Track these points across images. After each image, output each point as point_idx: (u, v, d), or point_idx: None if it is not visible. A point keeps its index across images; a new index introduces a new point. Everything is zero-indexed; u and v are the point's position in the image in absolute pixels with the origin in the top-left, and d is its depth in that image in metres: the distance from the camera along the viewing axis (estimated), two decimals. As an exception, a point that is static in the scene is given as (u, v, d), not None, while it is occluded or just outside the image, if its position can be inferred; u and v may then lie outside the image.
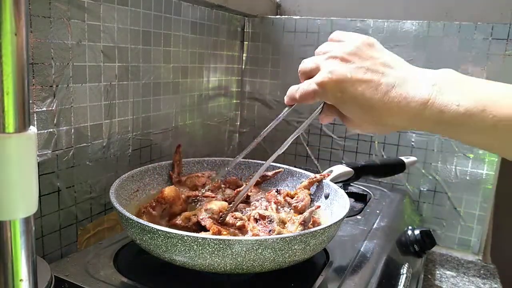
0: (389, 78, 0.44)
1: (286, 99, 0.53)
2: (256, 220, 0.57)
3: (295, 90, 0.50)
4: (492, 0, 0.91)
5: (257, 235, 0.54)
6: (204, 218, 0.57)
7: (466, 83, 0.42)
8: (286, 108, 0.56)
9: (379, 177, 0.97)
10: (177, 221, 0.58)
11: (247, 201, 0.68)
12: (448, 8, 0.95)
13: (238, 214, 0.59)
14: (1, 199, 0.30)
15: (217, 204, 0.60)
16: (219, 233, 0.53)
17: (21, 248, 0.32)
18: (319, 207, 0.64)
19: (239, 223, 0.56)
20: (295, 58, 1.05)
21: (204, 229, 0.56)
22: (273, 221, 0.56)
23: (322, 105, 0.50)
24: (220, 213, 0.58)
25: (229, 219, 0.57)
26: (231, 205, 0.59)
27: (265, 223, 0.56)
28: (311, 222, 0.57)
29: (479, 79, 0.43)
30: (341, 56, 0.46)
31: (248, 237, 0.54)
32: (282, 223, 0.58)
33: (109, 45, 0.68)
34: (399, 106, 0.42)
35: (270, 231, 0.54)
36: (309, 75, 0.49)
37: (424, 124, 0.42)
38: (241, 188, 0.66)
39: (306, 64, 0.50)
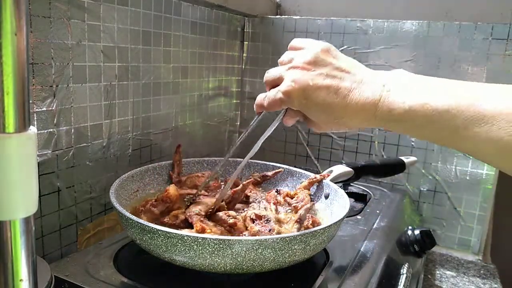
0: (347, 82, 0.47)
1: (255, 107, 0.55)
2: (252, 221, 0.57)
3: (263, 99, 0.53)
4: (492, 0, 0.91)
5: (257, 234, 0.54)
6: (191, 215, 0.57)
7: (415, 82, 0.45)
8: (256, 116, 0.59)
9: (379, 177, 0.97)
10: (165, 220, 0.58)
11: (246, 201, 0.68)
12: (448, 8, 0.95)
13: (232, 212, 0.58)
14: (1, 199, 0.30)
15: (206, 202, 0.60)
16: (203, 230, 0.53)
17: (21, 248, 0.32)
18: (314, 204, 0.64)
19: (231, 220, 0.56)
20: (295, 58, 1.04)
21: (191, 226, 0.56)
22: (270, 221, 0.56)
23: (285, 109, 0.53)
24: (209, 210, 0.58)
25: (222, 216, 0.57)
26: (216, 201, 0.60)
27: (262, 223, 0.56)
28: (310, 223, 0.57)
29: (430, 78, 0.45)
30: (302, 65, 0.49)
31: (248, 237, 0.54)
32: (279, 222, 0.58)
33: (109, 45, 0.68)
34: (356, 108, 0.46)
35: (270, 230, 0.54)
36: (274, 84, 0.53)
37: (378, 122, 0.46)
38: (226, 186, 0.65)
39: (270, 74, 0.53)
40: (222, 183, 0.74)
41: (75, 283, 0.52)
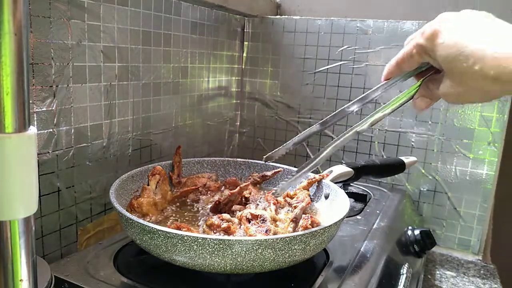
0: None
1: (384, 71, 0.48)
2: (248, 220, 0.57)
3: (395, 58, 0.45)
4: (492, 0, 0.91)
5: (253, 235, 0.54)
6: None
7: None
8: (382, 83, 0.49)
9: (379, 177, 0.97)
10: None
11: (246, 202, 0.68)
12: (448, 8, 0.95)
13: (226, 216, 0.58)
14: (1, 199, 0.30)
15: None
16: (178, 229, 0.52)
17: (21, 248, 0.32)
18: (310, 203, 0.64)
19: (224, 225, 0.55)
20: (295, 58, 1.05)
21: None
22: (266, 220, 0.56)
23: (420, 81, 0.45)
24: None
25: (215, 220, 0.56)
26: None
27: (258, 223, 0.56)
28: (310, 223, 0.57)
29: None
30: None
31: (248, 237, 0.54)
32: (275, 221, 0.58)
33: (109, 45, 0.68)
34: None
35: (266, 230, 0.54)
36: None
37: None
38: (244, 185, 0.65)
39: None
40: (222, 184, 0.74)
41: (75, 283, 0.52)
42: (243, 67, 1.12)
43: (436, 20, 0.42)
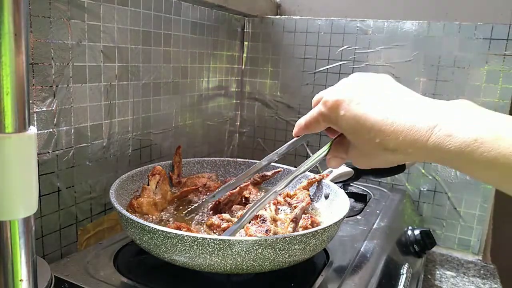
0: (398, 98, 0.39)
1: (294, 129, 0.49)
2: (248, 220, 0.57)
3: (303, 118, 0.47)
4: (492, 0, 0.91)
5: (253, 235, 0.54)
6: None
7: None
8: (292, 139, 0.52)
9: (379, 177, 0.97)
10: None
11: (246, 202, 0.68)
12: (448, 8, 0.95)
13: (226, 216, 0.58)
14: (1, 199, 0.30)
15: None
16: (178, 229, 0.53)
17: (21, 248, 0.32)
18: (310, 203, 0.64)
19: (224, 224, 0.55)
20: (295, 58, 1.05)
21: None
22: (266, 220, 0.56)
23: (330, 142, 0.46)
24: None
25: (215, 220, 0.56)
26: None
27: (258, 223, 0.56)
28: (310, 223, 0.57)
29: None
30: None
31: (248, 237, 0.54)
32: (275, 221, 0.58)
33: (109, 45, 0.68)
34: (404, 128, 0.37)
35: (266, 230, 0.54)
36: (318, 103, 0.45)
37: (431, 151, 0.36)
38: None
39: (316, 95, 0.47)
40: (221, 184, 0.74)
41: (75, 283, 0.52)
42: (243, 67, 1.12)
43: (339, 88, 0.42)
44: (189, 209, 0.65)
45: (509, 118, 0.34)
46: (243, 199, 0.67)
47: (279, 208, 0.65)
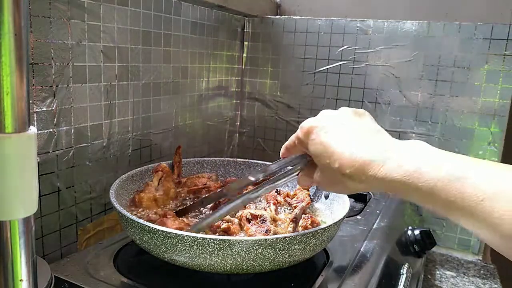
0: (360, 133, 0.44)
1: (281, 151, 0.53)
2: (248, 220, 0.57)
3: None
4: (492, 0, 0.91)
5: (253, 235, 0.54)
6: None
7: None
8: (279, 160, 0.54)
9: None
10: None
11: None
12: (448, 8, 0.95)
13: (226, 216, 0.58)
14: (1, 199, 0.30)
15: None
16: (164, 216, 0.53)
17: (21, 248, 0.32)
18: (310, 203, 0.64)
19: (224, 225, 0.55)
20: (295, 58, 1.05)
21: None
22: (266, 220, 0.56)
23: (304, 161, 0.49)
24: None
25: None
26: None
27: (258, 223, 0.56)
28: (310, 223, 0.57)
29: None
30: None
31: (248, 237, 0.54)
32: (275, 221, 0.58)
33: (109, 45, 0.68)
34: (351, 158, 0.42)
35: (266, 231, 0.54)
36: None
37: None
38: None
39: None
40: (222, 184, 0.74)
41: (75, 283, 0.52)
42: (243, 67, 1.12)
43: (318, 117, 0.47)
44: (181, 209, 0.65)
45: (451, 154, 0.38)
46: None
47: (279, 208, 0.65)
